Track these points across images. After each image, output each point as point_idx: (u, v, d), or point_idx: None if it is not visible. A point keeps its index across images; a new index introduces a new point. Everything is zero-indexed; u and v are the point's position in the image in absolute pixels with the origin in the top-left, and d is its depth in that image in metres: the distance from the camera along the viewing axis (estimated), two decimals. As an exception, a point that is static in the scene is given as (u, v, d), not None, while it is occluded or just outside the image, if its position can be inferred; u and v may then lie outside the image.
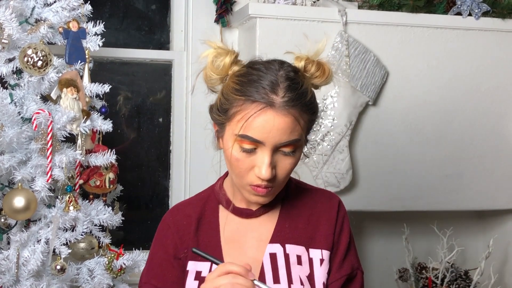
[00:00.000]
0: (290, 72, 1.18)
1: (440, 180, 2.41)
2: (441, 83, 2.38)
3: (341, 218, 1.31)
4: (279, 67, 1.18)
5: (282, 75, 1.17)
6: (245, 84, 1.16)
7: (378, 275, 2.67)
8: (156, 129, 2.48)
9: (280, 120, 1.14)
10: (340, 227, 1.30)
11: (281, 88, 1.15)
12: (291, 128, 1.15)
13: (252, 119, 1.14)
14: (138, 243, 2.32)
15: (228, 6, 2.35)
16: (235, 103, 1.16)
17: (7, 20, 1.76)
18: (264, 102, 1.14)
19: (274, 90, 1.15)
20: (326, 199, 1.33)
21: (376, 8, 2.37)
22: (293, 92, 1.16)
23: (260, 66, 1.19)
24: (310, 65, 1.23)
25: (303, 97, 1.17)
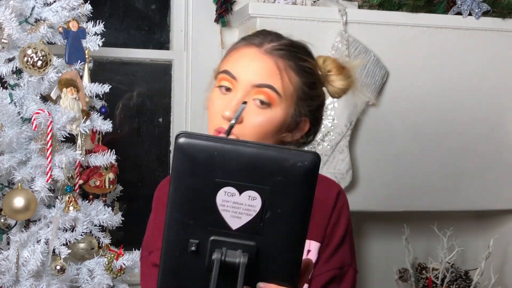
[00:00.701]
0: (298, 44, 1.18)
1: (440, 180, 2.41)
2: (441, 83, 2.38)
3: (338, 210, 1.21)
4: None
5: (288, 40, 1.17)
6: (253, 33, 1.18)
7: (378, 275, 2.67)
8: (156, 129, 2.48)
9: (259, 59, 1.12)
10: (336, 220, 1.20)
11: (276, 40, 1.15)
12: (269, 72, 1.11)
13: (234, 53, 1.14)
14: (138, 243, 2.28)
15: (228, 6, 2.35)
16: (234, 45, 1.18)
17: (7, 20, 1.75)
18: (253, 43, 1.14)
19: (268, 39, 1.15)
20: (326, 188, 1.23)
21: (376, 8, 2.37)
22: (288, 45, 1.14)
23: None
24: (329, 62, 1.22)
25: (299, 57, 1.14)
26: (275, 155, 0.75)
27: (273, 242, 0.77)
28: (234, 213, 0.76)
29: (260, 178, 0.75)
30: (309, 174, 0.77)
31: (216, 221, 0.76)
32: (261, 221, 0.77)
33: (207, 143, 0.75)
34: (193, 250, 0.77)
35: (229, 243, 0.76)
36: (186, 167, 0.75)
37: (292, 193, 0.76)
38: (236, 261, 0.75)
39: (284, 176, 0.75)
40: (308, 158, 0.76)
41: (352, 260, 1.22)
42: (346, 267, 1.20)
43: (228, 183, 0.75)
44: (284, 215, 0.77)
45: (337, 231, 1.20)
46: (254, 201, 0.76)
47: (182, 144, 0.75)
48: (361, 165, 2.33)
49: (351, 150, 2.28)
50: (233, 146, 0.75)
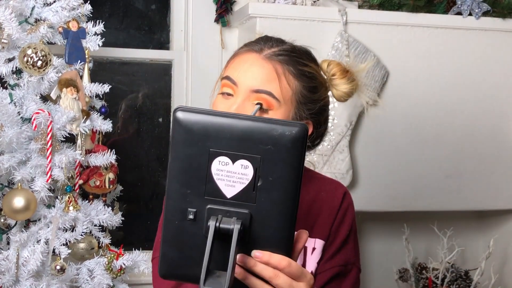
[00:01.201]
0: (300, 49, 1.20)
1: (440, 180, 2.41)
2: (441, 83, 2.38)
3: (344, 209, 1.24)
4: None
5: (289, 45, 1.20)
6: (256, 39, 1.22)
7: (378, 276, 2.67)
8: (156, 129, 2.48)
9: (258, 65, 1.15)
10: (341, 219, 1.23)
11: (276, 45, 1.18)
12: (268, 77, 1.14)
13: (235, 59, 1.17)
14: (138, 243, 2.32)
15: (228, 5, 2.35)
16: (237, 51, 1.21)
17: (7, 20, 1.75)
18: (254, 49, 1.17)
19: (268, 45, 1.18)
20: (331, 189, 1.26)
21: (376, 8, 2.37)
22: (288, 51, 1.17)
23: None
24: (333, 66, 1.24)
25: (298, 62, 1.17)
26: (265, 125, 0.80)
27: (266, 210, 0.81)
28: (228, 181, 0.81)
29: (252, 148, 0.80)
30: (297, 142, 0.80)
31: (212, 190, 0.81)
32: (253, 189, 0.81)
33: (202, 115, 0.80)
34: (191, 219, 0.81)
35: (224, 211, 0.81)
36: (183, 138, 0.80)
37: (282, 161, 0.80)
38: (230, 227, 0.79)
39: (274, 145, 0.80)
40: (296, 128, 0.80)
41: (356, 260, 1.24)
42: (350, 265, 1.23)
43: (222, 152, 0.80)
44: (275, 183, 0.81)
45: (341, 230, 1.23)
46: (247, 170, 0.81)
47: (179, 117, 0.80)
48: (361, 165, 2.33)
49: (351, 150, 2.28)
50: (226, 118, 0.80)
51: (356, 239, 1.28)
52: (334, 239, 1.22)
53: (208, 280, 0.77)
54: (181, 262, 0.83)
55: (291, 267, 0.84)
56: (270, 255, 0.82)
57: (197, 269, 0.79)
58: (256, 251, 0.82)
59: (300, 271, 0.85)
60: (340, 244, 1.23)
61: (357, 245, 1.27)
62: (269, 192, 0.81)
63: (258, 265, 0.82)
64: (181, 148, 0.81)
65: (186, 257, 0.83)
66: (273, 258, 0.82)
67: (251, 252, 0.82)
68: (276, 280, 0.83)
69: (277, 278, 0.83)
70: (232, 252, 0.77)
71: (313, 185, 1.27)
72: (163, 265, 0.84)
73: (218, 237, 0.80)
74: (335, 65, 1.24)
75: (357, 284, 1.24)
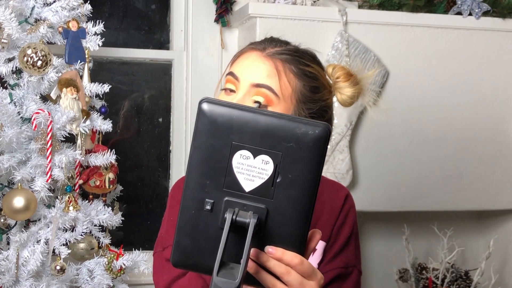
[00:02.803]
0: (305, 51, 1.23)
1: (440, 180, 2.41)
2: (441, 83, 2.38)
3: (346, 211, 1.26)
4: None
5: (294, 47, 1.22)
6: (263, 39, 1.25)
7: (378, 276, 2.67)
8: (156, 129, 2.48)
9: (260, 61, 1.17)
10: (342, 221, 1.25)
11: (280, 46, 1.20)
12: (268, 73, 1.16)
13: (239, 57, 1.20)
14: (138, 243, 2.32)
15: (228, 5, 2.35)
16: (241, 49, 1.23)
17: (7, 20, 1.75)
18: (257, 47, 1.20)
19: (272, 44, 1.21)
20: (333, 190, 1.28)
21: (376, 7, 2.37)
22: (291, 51, 1.20)
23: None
24: (337, 69, 1.26)
25: (300, 61, 1.19)
26: (288, 123, 0.81)
27: (282, 207, 0.82)
28: (248, 175, 0.81)
29: (274, 144, 0.81)
30: (319, 142, 0.81)
31: (231, 182, 0.82)
32: (272, 185, 0.81)
33: (227, 108, 0.81)
34: (208, 209, 0.82)
35: (241, 204, 0.81)
36: (207, 129, 0.81)
37: (303, 159, 0.81)
38: (247, 220, 0.79)
39: (296, 142, 0.80)
40: (319, 127, 0.81)
41: (356, 262, 1.25)
42: (351, 267, 1.23)
43: (244, 146, 0.81)
44: (294, 181, 0.81)
45: (343, 232, 1.24)
46: (267, 165, 0.81)
47: (204, 108, 0.81)
48: (361, 165, 2.33)
49: (351, 150, 2.28)
50: (251, 113, 0.81)
51: (358, 241, 1.29)
52: (335, 241, 1.23)
53: (221, 271, 0.77)
54: (194, 252, 0.83)
55: (303, 265, 0.84)
56: (283, 251, 0.83)
57: (209, 260, 0.80)
58: (270, 246, 0.83)
59: (311, 270, 0.86)
60: (341, 246, 1.23)
61: (358, 248, 1.28)
62: (287, 189, 0.82)
63: (270, 261, 0.83)
64: (204, 139, 0.81)
65: (199, 247, 0.83)
66: (286, 255, 0.83)
67: (265, 247, 0.83)
68: (287, 276, 0.84)
69: (289, 275, 0.84)
70: (247, 245, 0.78)
71: None
72: (176, 253, 0.84)
73: (234, 229, 0.80)
74: (339, 68, 1.27)
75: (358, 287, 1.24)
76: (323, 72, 1.25)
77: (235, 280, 0.76)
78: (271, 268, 0.83)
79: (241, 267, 0.77)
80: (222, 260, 0.77)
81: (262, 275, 0.84)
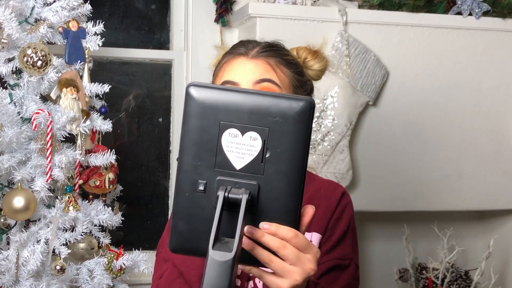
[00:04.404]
0: (275, 43, 1.30)
1: (440, 180, 2.41)
2: (441, 83, 2.38)
3: (342, 207, 1.28)
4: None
5: (265, 42, 1.28)
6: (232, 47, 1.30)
7: (378, 276, 2.67)
8: (156, 129, 2.48)
9: (251, 63, 1.22)
10: (338, 215, 1.26)
11: (257, 45, 1.26)
12: (264, 69, 1.21)
13: (225, 67, 1.24)
14: (138, 243, 2.32)
15: (228, 5, 2.35)
16: (220, 63, 1.28)
17: (7, 20, 1.75)
18: (239, 53, 1.24)
19: (250, 46, 1.26)
20: (330, 188, 1.31)
21: (376, 7, 2.36)
22: (268, 46, 1.26)
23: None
24: (302, 51, 1.34)
25: (281, 53, 1.26)
26: (273, 99, 0.83)
27: (273, 181, 0.84)
28: (237, 153, 0.83)
29: (260, 120, 0.83)
30: (304, 114, 0.83)
31: (222, 161, 0.83)
32: (262, 160, 0.83)
33: (213, 90, 0.84)
34: (202, 190, 0.83)
35: (233, 182, 0.83)
36: (195, 112, 0.84)
37: (289, 132, 0.83)
38: (239, 197, 0.81)
39: (282, 116, 0.83)
40: (303, 100, 0.84)
41: (354, 256, 1.26)
42: (348, 260, 1.24)
43: (231, 125, 0.83)
44: (283, 155, 0.83)
45: (339, 226, 1.25)
46: (255, 142, 0.83)
47: (191, 92, 0.84)
48: (361, 165, 2.33)
49: (351, 150, 2.28)
50: (236, 93, 0.84)
51: (355, 238, 1.30)
52: (331, 234, 1.25)
53: (216, 245, 0.78)
54: (191, 235, 0.85)
55: (298, 239, 0.86)
56: (277, 226, 0.84)
57: (206, 243, 0.80)
58: (264, 222, 0.84)
59: (306, 243, 0.87)
60: (338, 239, 1.25)
61: (355, 243, 1.29)
62: (277, 163, 0.83)
63: (265, 236, 0.84)
64: (193, 122, 0.83)
65: (195, 229, 0.84)
66: (280, 229, 0.84)
67: (259, 224, 0.84)
68: (283, 250, 0.85)
69: (284, 249, 0.85)
70: (240, 218, 0.79)
71: (313, 185, 1.30)
72: (173, 238, 0.85)
73: (227, 207, 0.81)
74: (303, 50, 1.35)
75: (355, 281, 1.25)
76: (295, 57, 1.34)
77: (230, 252, 0.77)
78: (267, 243, 0.84)
79: (236, 240, 0.78)
80: (217, 236, 0.79)
81: (258, 251, 0.85)
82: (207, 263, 0.77)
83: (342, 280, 1.22)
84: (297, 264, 0.86)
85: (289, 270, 0.86)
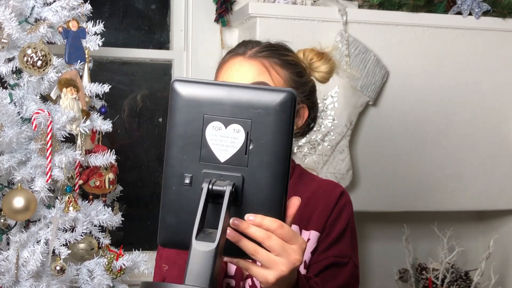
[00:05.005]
0: (276, 43, 1.31)
1: (440, 180, 2.41)
2: (441, 83, 2.38)
3: (341, 206, 1.27)
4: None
5: (266, 42, 1.30)
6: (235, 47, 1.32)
7: (378, 276, 2.67)
8: (156, 129, 2.48)
9: (246, 64, 1.24)
10: (337, 214, 1.26)
11: (256, 45, 1.27)
12: (258, 71, 1.23)
13: (223, 67, 1.26)
14: (138, 243, 2.31)
15: (228, 5, 2.35)
16: (221, 61, 1.31)
17: (7, 20, 1.75)
18: (237, 53, 1.26)
19: (249, 46, 1.27)
20: (329, 187, 1.31)
21: (376, 7, 2.37)
22: (267, 47, 1.27)
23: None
24: (308, 52, 1.34)
25: (280, 53, 1.26)
26: (255, 91, 0.85)
27: (257, 173, 0.84)
28: (221, 146, 0.84)
29: (243, 112, 0.84)
30: (285, 105, 0.84)
31: (207, 154, 0.84)
32: (245, 152, 0.84)
33: (197, 84, 0.85)
34: (187, 183, 0.85)
35: (218, 175, 0.84)
36: (180, 106, 0.86)
37: (272, 124, 0.84)
38: (223, 189, 0.82)
39: (264, 108, 0.83)
40: (285, 92, 0.84)
41: (352, 254, 1.26)
42: (346, 258, 1.24)
43: (215, 117, 0.84)
44: (266, 146, 0.84)
45: (337, 225, 1.26)
46: (238, 134, 0.84)
47: (176, 87, 0.86)
48: (361, 165, 2.33)
49: (351, 150, 2.28)
50: (219, 86, 0.85)
51: (355, 237, 1.30)
52: (330, 232, 1.25)
53: (200, 235, 0.79)
54: (179, 229, 0.86)
55: (283, 229, 0.86)
56: (262, 217, 0.85)
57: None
58: (249, 214, 0.85)
59: (292, 234, 0.87)
60: (336, 237, 1.25)
61: (354, 243, 1.29)
62: (260, 155, 0.84)
63: (251, 227, 0.85)
64: (178, 116, 0.86)
65: (183, 222, 0.85)
66: (265, 220, 0.85)
67: (244, 215, 0.85)
68: (268, 241, 0.85)
69: (270, 240, 0.85)
70: (223, 209, 0.79)
71: (312, 185, 1.31)
72: (161, 232, 0.87)
73: (213, 200, 0.82)
74: (309, 51, 1.36)
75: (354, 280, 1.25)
76: (299, 58, 1.34)
77: (213, 242, 0.78)
78: (252, 235, 0.85)
79: (219, 229, 0.79)
80: (201, 227, 0.79)
81: (244, 243, 0.85)
82: (190, 253, 0.77)
83: (340, 278, 1.22)
84: (282, 255, 0.86)
85: (275, 261, 0.86)
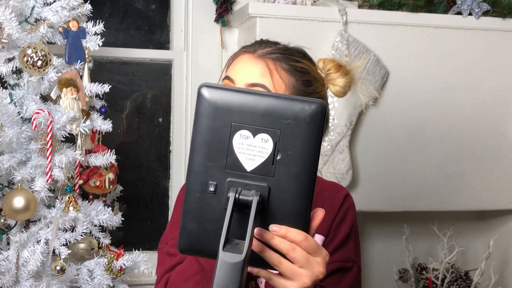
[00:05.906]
0: (292, 47, 1.28)
1: (440, 180, 2.41)
2: (441, 83, 2.38)
3: (345, 209, 1.28)
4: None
5: (282, 45, 1.27)
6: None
7: (378, 276, 2.67)
8: (156, 129, 2.48)
9: (252, 62, 1.22)
10: (341, 218, 1.27)
11: (269, 46, 1.26)
12: (260, 72, 1.21)
13: (233, 61, 1.26)
14: (138, 243, 2.32)
15: (228, 5, 2.35)
16: (231, 57, 1.29)
17: (7, 20, 1.75)
18: (249, 50, 1.25)
19: (262, 46, 1.26)
20: (334, 190, 1.31)
21: (376, 7, 2.37)
22: (279, 49, 1.25)
23: None
24: (327, 62, 1.30)
25: (290, 59, 1.24)
26: (285, 101, 0.83)
27: (284, 184, 0.84)
28: (248, 155, 0.83)
29: (272, 122, 0.83)
30: (316, 117, 0.83)
31: (233, 163, 0.83)
32: (273, 163, 0.83)
33: (226, 91, 0.84)
34: (212, 191, 0.84)
35: (244, 184, 0.83)
36: (207, 112, 0.83)
37: (301, 135, 0.83)
38: (249, 198, 0.81)
39: (294, 119, 0.83)
40: (315, 103, 0.83)
41: (356, 259, 1.27)
42: (351, 262, 1.25)
43: (243, 126, 0.83)
44: (294, 157, 0.83)
45: (342, 228, 1.26)
46: (267, 144, 0.83)
47: (204, 93, 0.84)
48: (361, 165, 2.33)
49: (351, 150, 2.28)
50: (248, 94, 0.84)
51: (358, 241, 1.30)
52: (334, 236, 1.25)
53: (227, 246, 0.78)
54: (200, 236, 0.85)
55: (308, 241, 0.86)
56: (287, 229, 0.84)
57: (215, 244, 0.80)
58: (274, 225, 0.84)
59: (316, 246, 0.87)
60: (340, 241, 1.25)
61: (358, 246, 1.29)
62: (288, 166, 0.83)
63: (275, 239, 0.84)
64: (204, 122, 0.83)
65: (205, 230, 0.84)
66: (290, 232, 0.84)
67: (269, 226, 0.84)
68: (293, 253, 0.85)
69: (294, 251, 0.85)
70: (251, 221, 0.79)
71: (316, 187, 1.28)
72: (182, 238, 0.85)
73: (237, 209, 0.81)
74: (329, 61, 1.32)
75: (357, 284, 1.25)
76: (314, 67, 1.30)
77: (240, 253, 0.77)
78: (276, 246, 0.84)
79: (246, 241, 0.78)
80: (228, 237, 0.78)
81: (268, 253, 0.85)
82: (217, 264, 0.77)
83: (344, 283, 1.23)
84: (306, 267, 0.86)
85: (298, 273, 0.86)
